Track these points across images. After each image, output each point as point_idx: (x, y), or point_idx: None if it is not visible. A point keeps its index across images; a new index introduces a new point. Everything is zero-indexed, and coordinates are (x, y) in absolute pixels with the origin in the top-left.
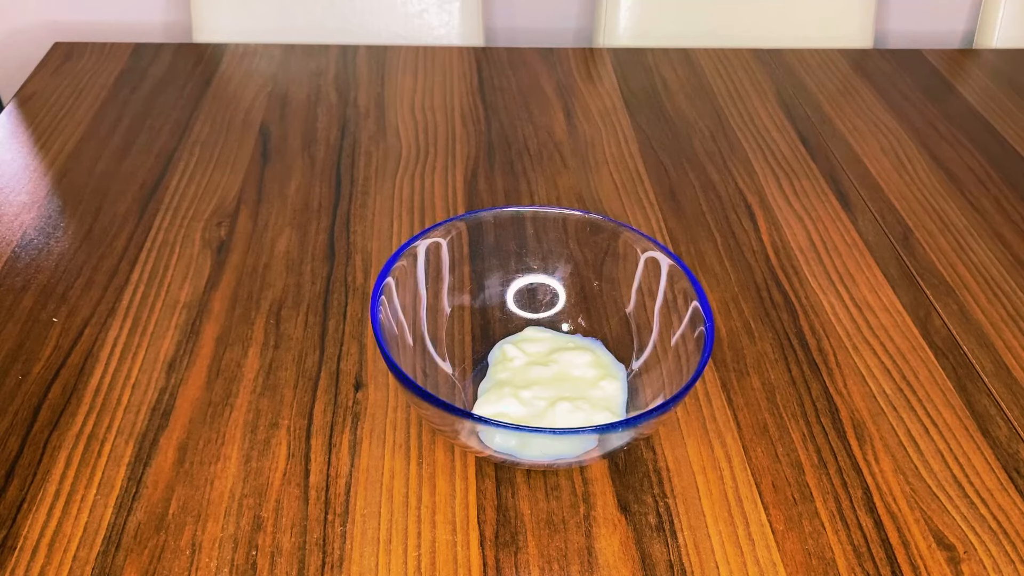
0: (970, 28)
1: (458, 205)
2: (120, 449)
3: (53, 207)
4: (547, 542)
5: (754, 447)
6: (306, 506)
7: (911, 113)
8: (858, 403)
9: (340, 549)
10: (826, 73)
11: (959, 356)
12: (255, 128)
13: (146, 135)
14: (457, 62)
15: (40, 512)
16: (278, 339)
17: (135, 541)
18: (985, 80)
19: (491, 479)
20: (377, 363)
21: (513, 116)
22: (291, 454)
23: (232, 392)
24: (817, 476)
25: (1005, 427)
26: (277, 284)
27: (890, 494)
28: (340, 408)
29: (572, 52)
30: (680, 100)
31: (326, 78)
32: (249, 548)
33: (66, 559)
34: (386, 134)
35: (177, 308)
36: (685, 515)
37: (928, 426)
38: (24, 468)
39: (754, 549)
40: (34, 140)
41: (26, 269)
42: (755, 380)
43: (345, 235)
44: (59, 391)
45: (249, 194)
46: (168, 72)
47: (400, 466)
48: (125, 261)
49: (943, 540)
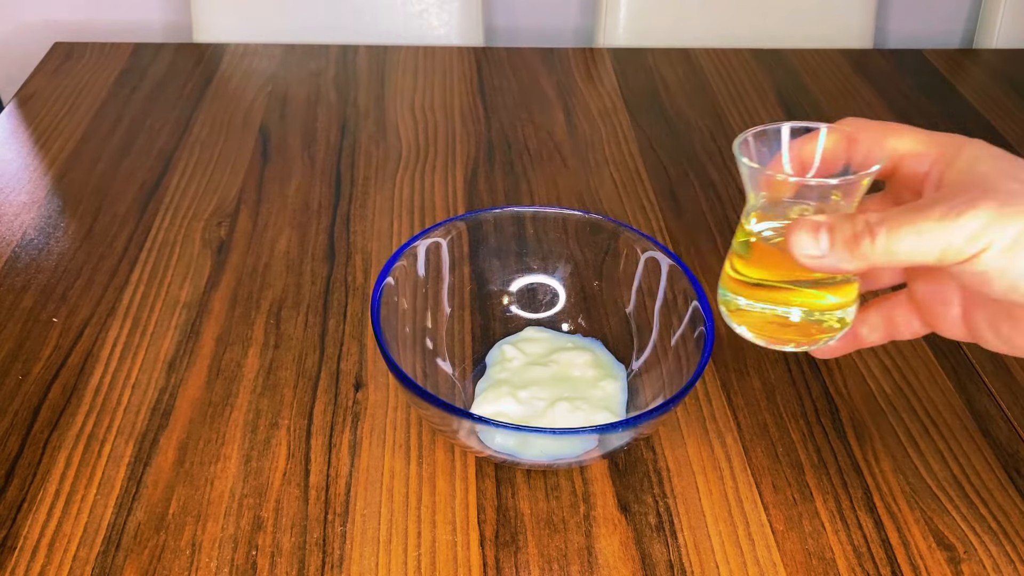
0: (970, 28)
1: (458, 205)
2: (120, 449)
3: (53, 207)
4: (547, 542)
5: (754, 447)
6: (306, 506)
7: (911, 113)
8: (858, 403)
9: (340, 549)
10: (826, 73)
11: (959, 356)
12: (255, 128)
13: (146, 135)
14: (457, 62)
15: (40, 512)
16: (278, 339)
17: (135, 541)
18: (986, 80)
19: (491, 479)
20: (377, 363)
21: (513, 116)
22: (291, 454)
23: (232, 392)
24: (817, 476)
25: (1005, 427)
26: (277, 284)
27: (890, 494)
28: (340, 408)
29: (572, 52)
30: (680, 100)
31: (326, 78)
32: (249, 548)
33: (66, 559)
34: (386, 134)
35: (177, 308)
36: (685, 515)
37: (928, 426)
38: (24, 468)
39: (754, 549)
40: (34, 140)
41: (26, 269)
42: (755, 380)
43: (345, 235)
44: (59, 391)
45: (249, 194)
46: (168, 72)
47: (400, 466)
48: (125, 261)
49: (943, 540)
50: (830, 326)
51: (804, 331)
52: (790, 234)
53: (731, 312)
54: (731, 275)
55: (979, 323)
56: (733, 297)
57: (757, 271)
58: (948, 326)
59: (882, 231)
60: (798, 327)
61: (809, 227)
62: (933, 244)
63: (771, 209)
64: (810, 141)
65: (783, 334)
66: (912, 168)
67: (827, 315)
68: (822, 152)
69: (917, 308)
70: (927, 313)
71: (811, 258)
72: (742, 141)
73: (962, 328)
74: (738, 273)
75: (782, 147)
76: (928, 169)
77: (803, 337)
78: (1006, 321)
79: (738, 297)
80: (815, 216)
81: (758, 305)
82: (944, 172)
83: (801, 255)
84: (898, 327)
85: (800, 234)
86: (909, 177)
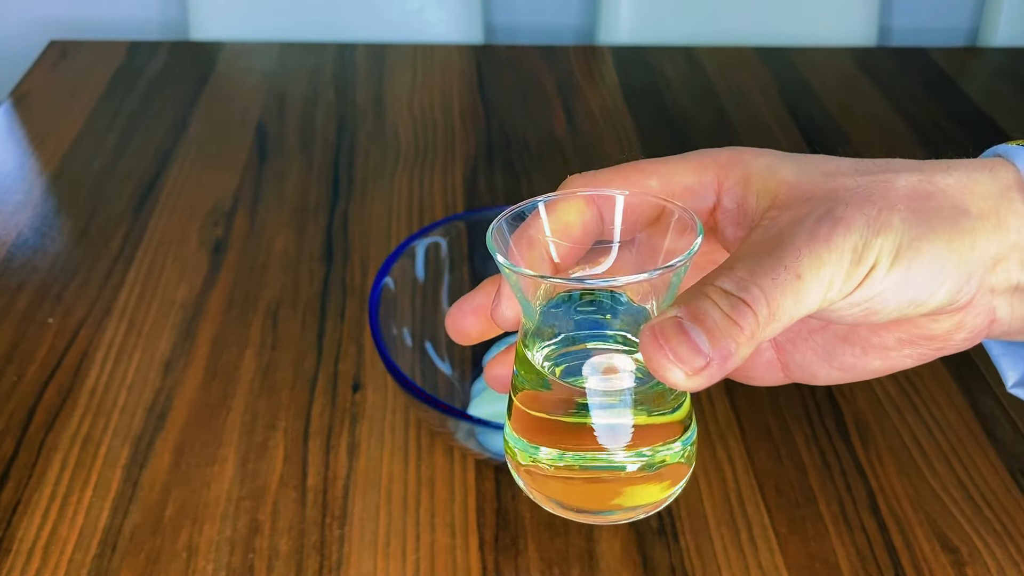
0: (974, 25)
1: (457, 204)
2: (116, 451)
3: (48, 206)
4: (548, 545)
5: (757, 450)
6: (303, 509)
7: (915, 111)
8: (862, 405)
9: (338, 552)
10: (830, 71)
11: (963, 357)
12: (252, 126)
13: (142, 133)
14: (456, 60)
15: (35, 515)
16: (275, 340)
17: (131, 544)
18: (989, 78)
19: (491, 481)
20: (375, 364)
21: (513, 114)
22: (288, 456)
23: (229, 394)
24: (820, 479)
25: (1010, 429)
26: (274, 284)
27: (894, 497)
28: (338, 410)
29: (573, 50)
30: (682, 98)
31: (324, 76)
32: (246, 551)
33: (62, 562)
34: (385, 133)
35: (173, 308)
36: (687, 518)
37: (932, 428)
38: (19, 470)
39: (757, 553)
40: (29, 139)
41: (21, 269)
42: None
43: (343, 235)
44: (54, 393)
45: (246, 193)
46: (164, 70)
47: (399, 468)
48: (121, 261)
49: (947, 543)
50: (672, 472)
51: (641, 483)
52: (655, 355)
53: (523, 467)
54: (522, 411)
55: (805, 361)
56: (524, 446)
57: (556, 413)
58: (760, 374)
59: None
60: (631, 478)
61: (673, 331)
62: (817, 285)
63: (552, 320)
64: (567, 212)
65: (607, 498)
66: (694, 207)
67: (668, 453)
68: (582, 226)
69: None
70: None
71: (697, 372)
72: (496, 230)
73: (778, 372)
74: (531, 410)
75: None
76: (714, 200)
77: (638, 499)
78: (847, 348)
79: (534, 447)
80: (662, 316)
81: (566, 458)
82: (743, 196)
83: (686, 373)
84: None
85: (671, 346)
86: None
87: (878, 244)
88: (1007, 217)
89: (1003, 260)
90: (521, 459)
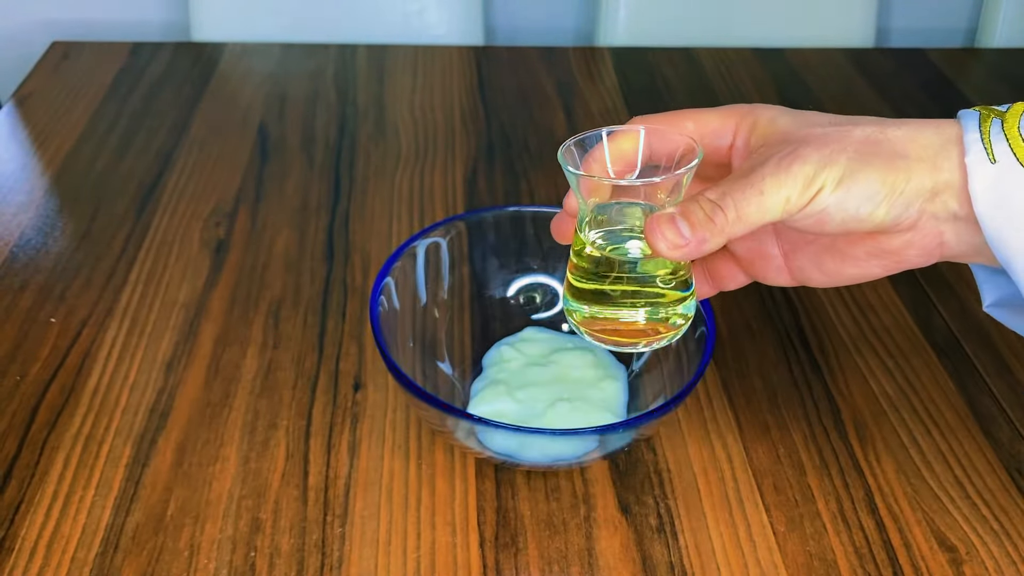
0: (972, 26)
1: (458, 204)
2: (118, 450)
3: (51, 207)
4: (547, 544)
5: (755, 448)
6: (305, 507)
7: (913, 112)
8: (860, 404)
9: (339, 550)
10: (828, 72)
11: (961, 356)
12: (254, 127)
13: (144, 134)
14: (457, 61)
15: (38, 513)
16: (277, 339)
17: (133, 542)
18: (987, 79)
19: (491, 480)
20: (376, 363)
21: (513, 115)
22: (290, 455)
23: (231, 393)
24: (819, 477)
25: (1007, 428)
26: (276, 284)
27: (892, 495)
28: (339, 409)
29: (572, 51)
30: (682, 99)
31: (325, 77)
32: (248, 549)
33: (64, 560)
34: (385, 133)
35: (175, 308)
36: (686, 516)
37: (930, 427)
38: (22, 469)
39: (755, 551)
40: (32, 139)
41: (24, 269)
42: (756, 381)
43: (344, 235)
44: (57, 392)
45: (248, 193)
46: (166, 71)
47: (399, 467)
48: (123, 261)
49: (945, 541)
50: (674, 323)
51: (652, 331)
52: (650, 235)
53: (578, 322)
54: (575, 284)
55: (803, 265)
56: (578, 307)
57: (597, 280)
58: (773, 275)
59: (729, 202)
60: (645, 328)
61: (666, 220)
62: (776, 199)
63: (602, 214)
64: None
65: (632, 337)
66: (714, 144)
67: (671, 312)
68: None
69: (739, 263)
70: (750, 267)
71: (678, 248)
72: (565, 149)
73: (786, 274)
74: (581, 282)
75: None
76: (731, 140)
77: (652, 337)
78: (830, 256)
79: (582, 306)
80: (662, 211)
81: (605, 312)
82: (748, 137)
83: (668, 248)
84: (723, 280)
85: (661, 229)
86: (712, 153)
87: (825, 173)
88: (942, 162)
89: (940, 193)
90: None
